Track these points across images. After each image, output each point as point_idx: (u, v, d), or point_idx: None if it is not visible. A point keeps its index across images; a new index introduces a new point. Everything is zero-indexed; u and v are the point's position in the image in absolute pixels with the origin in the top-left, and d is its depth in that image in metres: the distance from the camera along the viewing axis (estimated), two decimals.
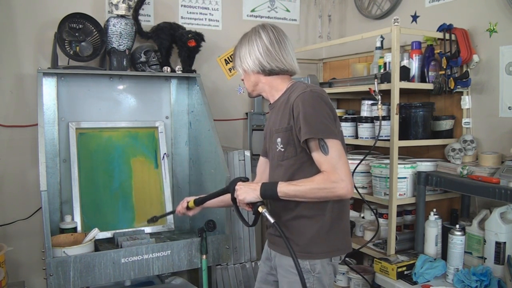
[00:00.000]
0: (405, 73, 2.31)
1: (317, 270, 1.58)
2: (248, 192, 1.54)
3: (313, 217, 1.57)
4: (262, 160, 1.83)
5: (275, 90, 1.68)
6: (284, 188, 1.49)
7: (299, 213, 1.58)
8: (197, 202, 1.88)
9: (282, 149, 1.58)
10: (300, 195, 1.48)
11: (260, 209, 1.51)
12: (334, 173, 1.44)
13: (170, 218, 2.58)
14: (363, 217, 2.75)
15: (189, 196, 1.98)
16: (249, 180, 1.64)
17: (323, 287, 1.61)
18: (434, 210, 2.22)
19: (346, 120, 2.59)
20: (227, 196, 1.65)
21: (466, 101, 2.39)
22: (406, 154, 2.58)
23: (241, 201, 1.55)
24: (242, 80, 1.74)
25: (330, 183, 1.44)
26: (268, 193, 1.52)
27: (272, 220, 1.48)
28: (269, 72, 1.64)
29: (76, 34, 2.41)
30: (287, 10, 3.28)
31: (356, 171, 2.39)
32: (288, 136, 1.55)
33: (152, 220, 2.12)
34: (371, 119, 2.47)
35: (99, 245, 2.22)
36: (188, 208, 1.93)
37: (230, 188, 1.60)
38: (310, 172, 1.52)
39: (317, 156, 1.49)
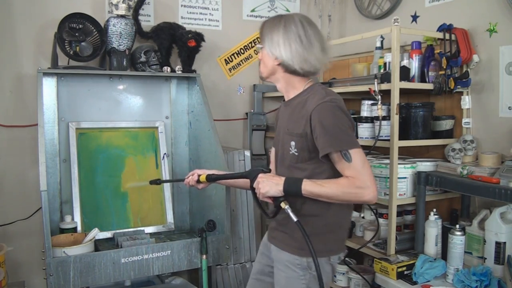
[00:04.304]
0: (405, 73, 2.30)
1: (314, 268, 1.58)
2: (271, 186, 1.52)
3: (315, 215, 1.58)
4: (274, 151, 1.82)
5: (291, 87, 1.66)
6: (309, 187, 1.50)
7: (303, 211, 1.58)
8: (210, 179, 1.87)
9: (296, 153, 1.59)
10: (325, 195, 1.50)
11: (283, 204, 1.51)
12: (359, 179, 1.46)
13: (170, 218, 2.58)
14: (363, 217, 2.75)
15: (200, 169, 1.97)
16: (271, 172, 1.64)
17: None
18: (434, 210, 2.21)
19: None
20: (243, 181, 1.66)
21: (466, 101, 2.38)
22: (406, 154, 2.58)
23: (263, 194, 1.54)
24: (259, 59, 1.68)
25: (355, 188, 1.46)
26: (292, 189, 1.51)
27: (295, 219, 1.48)
28: (291, 72, 1.62)
29: (76, 34, 2.41)
30: (287, 10, 3.28)
31: None
32: (303, 142, 1.56)
33: (156, 182, 2.19)
34: (371, 119, 2.47)
35: (99, 245, 2.22)
36: (198, 181, 1.93)
37: (250, 176, 1.60)
38: (329, 174, 1.55)
39: (340, 165, 1.50)
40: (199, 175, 1.92)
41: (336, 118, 1.50)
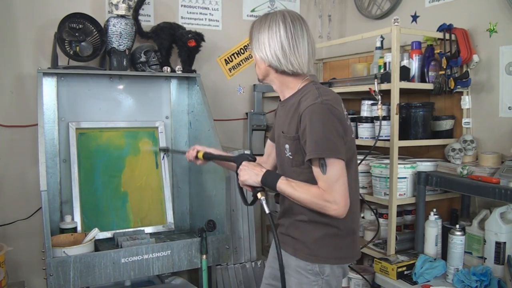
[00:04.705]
0: (405, 73, 2.31)
1: (326, 273, 1.57)
2: (250, 175, 1.60)
3: (325, 221, 1.54)
4: (269, 144, 1.84)
5: (285, 87, 1.63)
6: (283, 186, 1.54)
7: (311, 216, 1.55)
8: (206, 157, 1.96)
9: (291, 157, 1.57)
10: (294, 198, 1.53)
11: (259, 195, 1.59)
12: (330, 193, 1.44)
13: (170, 218, 2.58)
14: (363, 217, 2.75)
15: (200, 146, 2.03)
16: (256, 160, 1.69)
17: None
18: (434, 210, 2.21)
19: None
20: (233, 164, 1.73)
21: (466, 101, 2.39)
22: (406, 154, 2.58)
23: (242, 182, 1.63)
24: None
25: (323, 201, 1.45)
26: (268, 183, 1.57)
27: (267, 211, 1.54)
28: (282, 72, 1.59)
29: (76, 34, 2.41)
30: None
31: None
32: (296, 145, 1.54)
33: (164, 150, 2.51)
34: (371, 119, 2.47)
35: (99, 245, 2.22)
36: (197, 157, 1.99)
37: (237, 162, 1.68)
38: None
39: (316, 171, 1.48)
40: (197, 151, 1.98)
41: (323, 123, 1.45)
